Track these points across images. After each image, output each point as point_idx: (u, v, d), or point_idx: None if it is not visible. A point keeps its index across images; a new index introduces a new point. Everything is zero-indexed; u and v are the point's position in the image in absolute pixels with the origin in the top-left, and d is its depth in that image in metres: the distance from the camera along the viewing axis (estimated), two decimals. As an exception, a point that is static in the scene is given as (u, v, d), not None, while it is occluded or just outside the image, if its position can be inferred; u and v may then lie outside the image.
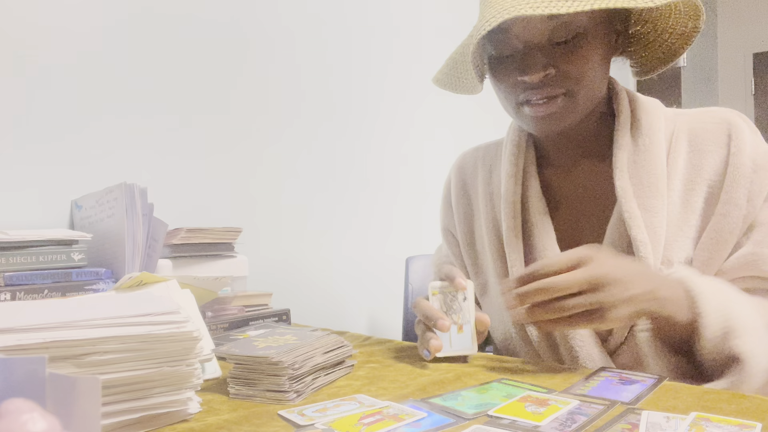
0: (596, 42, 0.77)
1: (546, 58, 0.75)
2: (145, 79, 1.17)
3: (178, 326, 0.54)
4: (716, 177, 0.79)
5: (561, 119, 0.78)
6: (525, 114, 0.79)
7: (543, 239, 0.85)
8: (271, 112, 1.40)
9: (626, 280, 0.64)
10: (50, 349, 0.48)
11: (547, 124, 0.79)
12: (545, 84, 0.76)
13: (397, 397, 0.60)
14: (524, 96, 0.78)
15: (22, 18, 1.00)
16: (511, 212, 0.88)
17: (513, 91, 0.79)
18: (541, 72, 0.75)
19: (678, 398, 0.57)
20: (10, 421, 0.33)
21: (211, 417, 0.57)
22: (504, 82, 0.80)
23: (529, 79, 0.75)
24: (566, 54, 0.76)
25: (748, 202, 0.76)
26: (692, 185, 0.80)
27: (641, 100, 0.87)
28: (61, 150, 1.05)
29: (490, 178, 0.96)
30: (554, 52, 0.76)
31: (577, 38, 0.75)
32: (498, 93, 0.83)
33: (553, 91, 0.76)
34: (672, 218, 0.79)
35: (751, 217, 0.77)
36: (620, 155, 0.81)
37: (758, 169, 0.77)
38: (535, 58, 0.75)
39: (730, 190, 0.77)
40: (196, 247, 1.06)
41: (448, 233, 1.03)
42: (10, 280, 0.82)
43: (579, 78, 0.76)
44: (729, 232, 0.77)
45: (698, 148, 0.81)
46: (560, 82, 0.76)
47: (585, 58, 0.76)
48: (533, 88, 0.77)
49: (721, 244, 0.77)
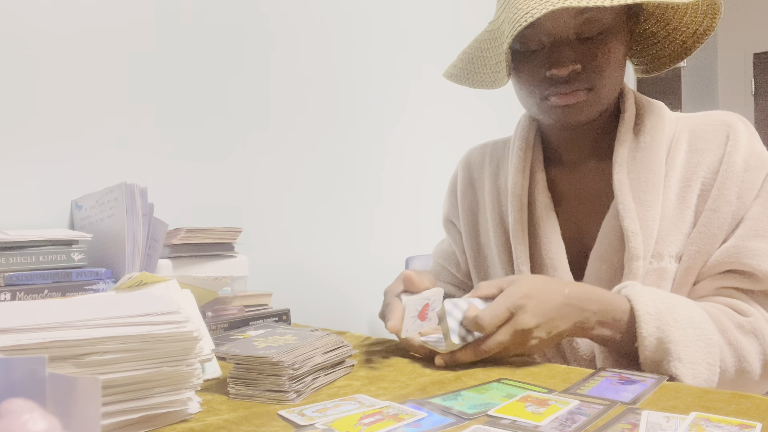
0: (618, 40, 0.80)
1: (573, 54, 0.78)
2: (145, 79, 1.17)
3: (178, 326, 0.54)
4: (710, 175, 0.81)
5: (583, 111, 0.81)
6: (549, 104, 0.81)
7: (548, 233, 0.88)
8: (273, 112, 1.40)
9: (552, 317, 0.69)
10: (50, 349, 0.48)
11: (571, 114, 0.81)
12: (571, 78, 0.78)
13: (397, 397, 0.60)
14: (551, 90, 0.80)
15: (23, 18, 1.00)
16: (518, 206, 0.90)
17: (539, 86, 0.81)
18: (569, 66, 0.77)
19: (678, 398, 0.57)
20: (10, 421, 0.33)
21: (211, 417, 0.57)
22: (531, 76, 0.82)
23: (558, 73, 0.78)
24: (592, 50, 0.78)
25: (738, 199, 0.79)
26: (688, 182, 0.82)
27: (646, 101, 0.89)
28: (61, 150, 1.05)
29: (498, 174, 0.99)
30: (581, 48, 0.78)
31: (602, 35, 0.78)
32: (520, 87, 0.85)
33: (578, 85, 0.79)
34: (667, 213, 0.81)
35: (740, 214, 0.79)
36: (621, 151, 0.84)
37: (750, 168, 0.79)
38: (563, 53, 0.78)
39: (722, 187, 0.79)
40: (196, 247, 1.06)
41: (450, 223, 1.07)
42: (10, 280, 0.82)
43: (602, 74, 0.79)
44: (718, 227, 0.79)
45: (697, 147, 0.83)
46: (585, 77, 0.79)
47: (609, 55, 0.78)
48: (559, 82, 0.79)
49: (710, 238, 0.79)
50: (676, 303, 0.72)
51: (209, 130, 1.28)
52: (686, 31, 0.84)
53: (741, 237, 0.78)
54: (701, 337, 0.70)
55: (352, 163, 1.60)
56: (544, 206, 0.89)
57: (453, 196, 1.06)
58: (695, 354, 0.69)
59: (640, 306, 0.70)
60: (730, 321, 0.74)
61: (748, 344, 0.73)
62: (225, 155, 1.30)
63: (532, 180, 0.92)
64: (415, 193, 1.77)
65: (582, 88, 0.79)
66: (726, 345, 0.72)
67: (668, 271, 0.80)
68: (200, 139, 1.26)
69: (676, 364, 0.68)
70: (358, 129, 1.62)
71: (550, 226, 0.88)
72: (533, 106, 0.85)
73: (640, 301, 0.71)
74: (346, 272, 1.56)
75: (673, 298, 0.73)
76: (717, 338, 0.71)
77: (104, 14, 1.11)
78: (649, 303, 0.71)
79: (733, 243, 0.78)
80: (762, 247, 0.76)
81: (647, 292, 0.73)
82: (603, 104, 0.82)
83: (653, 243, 0.80)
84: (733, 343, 0.72)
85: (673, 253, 0.80)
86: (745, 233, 0.78)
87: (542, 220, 0.88)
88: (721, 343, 0.72)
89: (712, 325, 0.72)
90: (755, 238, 0.77)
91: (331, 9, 1.55)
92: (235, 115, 1.33)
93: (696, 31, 0.83)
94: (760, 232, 0.77)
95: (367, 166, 1.64)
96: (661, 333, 0.69)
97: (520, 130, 0.95)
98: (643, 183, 0.82)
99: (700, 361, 0.69)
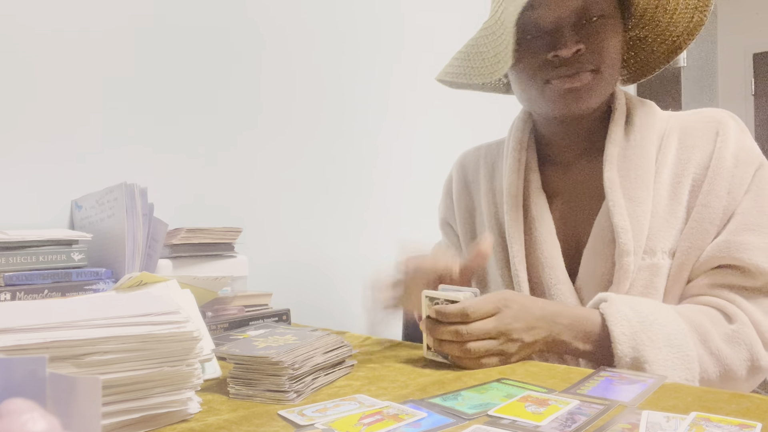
0: (616, 27, 0.82)
1: (577, 35, 0.79)
2: (145, 79, 1.17)
3: (178, 326, 0.54)
4: (701, 170, 0.82)
5: (586, 95, 0.81)
6: (551, 90, 0.82)
7: (543, 232, 0.88)
8: (271, 111, 1.40)
9: (532, 326, 0.72)
10: (50, 349, 0.48)
11: (573, 99, 0.81)
12: (575, 60, 0.80)
13: (397, 397, 0.60)
14: (554, 73, 0.81)
15: (23, 18, 1.00)
16: (514, 205, 0.90)
17: (542, 69, 0.82)
18: (573, 47, 0.78)
19: (678, 398, 0.57)
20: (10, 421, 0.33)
21: (211, 417, 0.57)
22: (533, 60, 0.82)
23: (562, 54, 0.79)
24: (594, 32, 0.80)
25: (729, 194, 0.79)
26: (679, 179, 0.82)
27: (637, 100, 0.90)
28: (61, 150, 1.05)
29: (493, 175, 0.99)
30: (583, 30, 0.80)
31: (603, 18, 0.80)
32: (520, 75, 0.85)
33: (582, 66, 0.80)
34: (658, 210, 0.82)
35: (731, 209, 0.79)
36: (611, 148, 0.85)
37: (739, 164, 0.80)
38: (566, 34, 0.79)
39: (712, 182, 0.80)
40: (196, 247, 1.06)
41: (447, 226, 1.07)
42: (10, 280, 0.82)
43: (605, 55, 0.80)
44: (709, 222, 0.79)
45: (687, 144, 0.84)
46: (589, 58, 0.80)
47: (610, 38, 0.80)
48: (564, 64, 0.80)
49: (702, 234, 0.80)
50: (653, 320, 0.72)
51: (209, 130, 1.28)
52: (675, 30, 0.85)
53: (732, 232, 0.78)
54: (678, 354, 0.70)
55: (353, 163, 1.60)
56: (539, 206, 0.89)
57: (449, 198, 1.06)
58: (671, 372, 0.69)
59: (615, 327, 0.71)
60: (715, 330, 0.74)
61: (732, 353, 0.73)
62: (225, 155, 1.30)
63: (527, 180, 0.92)
64: (415, 192, 1.77)
65: (587, 70, 0.80)
66: (707, 355, 0.72)
67: (661, 267, 0.80)
68: (200, 139, 1.26)
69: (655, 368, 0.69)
70: (360, 127, 1.62)
71: (545, 225, 0.88)
72: (535, 94, 0.85)
73: (614, 322, 0.71)
74: (347, 272, 1.56)
75: (651, 313, 0.73)
76: (696, 352, 0.71)
77: (103, 15, 1.11)
78: (624, 323, 0.71)
79: (724, 238, 0.78)
80: (753, 241, 0.77)
81: (624, 309, 0.73)
82: (604, 91, 0.83)
83: (644, 239, 0.80)
84: (715, 353, 0.73)
85: (665, 248, 0.81)
86: (735, 228, 0.78)
87: (537, 220, 0.89)
88: (701, 355, 0.72)
89: (691, 338, 0.72)
90: (746, 232, 0.77)
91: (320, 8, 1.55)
92: (236, 115, 1.33)
93: (687, 27, 0.84)
94: (750, 226, 0.78)
95: (367, 167, 1.64)
96: (637, 353, 0.70)
97: (514, 131, 0.95)
98: (633, 180, 0.82)
99: (677, 378, 0.69)
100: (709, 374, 0.72)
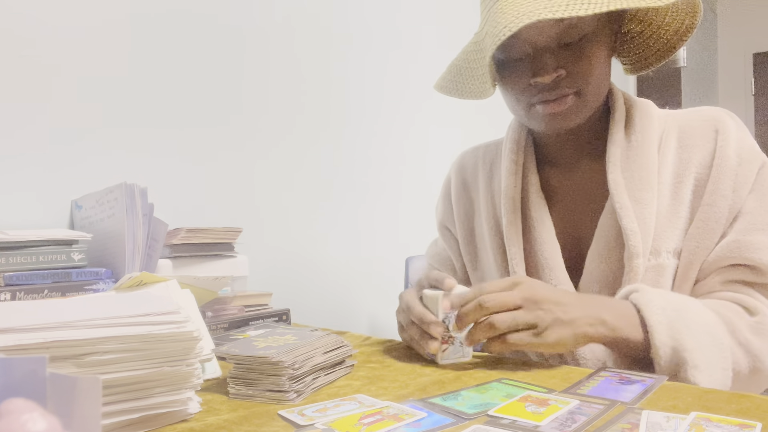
0: (601, 42, 0.79)
1: (556, 60, 0.78)
2: (145, 79, 1.17)
3: (178, 326, 0.54)
4: (703, 170, 0.81)
5: (571, 117, 0.81)
6: (536, 113, 0.81)
7: (542, 234, 0.88)
8: (272, 112, 1.40)
9: (563, 302, 0.69)
10: (50, 349, 0.48)
11: (559, 121, 0.81)
12: (556, 85, 0.78)
13: (397, 397, 0.60)
14: (537, 98, 0.80)
15: (23, 18, 1.00)
16: (511, 207, 0.90)
17: (525, 93, 0.81)
18: (552, 73, 0.77)
19: (678, 398, 0.57)
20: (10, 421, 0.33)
21: (211, 417, 0.57)
22: (516, 84, 0.82)
23: (542, 80, 0.77)
24: (574, 55, 0.78)
25: (734, 193, 0.79)
26: (681, 178, 0.82)
27: (635, 100, 0.90)
28: (61, 150, 1.05)
29: (491, 177, 0.98)
30: (563, 54, 0.78)
31: (584, 40, 0.78)
32: (507, 95, 0.85)
33: (564, 91, 0.79)
34: (661, 210, 0.82)
35: (737, 207, 0.79)
36: (613, 150, 0.84)
37: (743, 162, 0.80)
38: (545, 61, 0.77)
39: (717, 181, 0.80)
40: (196, 247, 1.06)
41: (446, 229, 1.06)
42: (10, 280, 0.82)
43: (587, 77, 0.79)
44: (715, 222, 0.79)
45: (687, 143, 0.84)
46: (570, 82, 0.79)
47: (592, 58, 0.78)
48: (545, 89, 0.79)
49: (708, 233, 0.79)
50: (686, 309, 0.71)
51: (209, 130, 1.28)
52: (669, 30, 0.85)
53: (740, 231, 0.78)
54: (714, 343, 0.70)
55: (352, 163, 1.60)
56: (538, 207, 0.89)
57: (447, 201, 1.05)
58: (710, 360, 0.68)
59: (651, 315, 0.69)
60: (741, 321, 0.73)
61: (760, 344, 0.73)
62: (225, 155, 1.30)
63: (525, 181, 0.91)
64: (415, 192, 1.77)
65: (569, 93, 0.79)
66: (737, 346, 0.72)
67: (666, 267, 0.80)
68: (200, 139, 1.26)
69: (694, 372, 0.68)
70: (357, 129, 1.62)
71: (544, 226, 0.88)
72: (521, 114, 0.85)
73: (649, 310, 0.70)
74: (347, 272, 1.56)
75: (683, 303, 0.73)
76: (728, 341, 0.71)
77: (104, 15, 1.11)
78: (659, 312, 0.70)
79: (734, 238, 0.78)
80: (762, 240, 0.77)
81: (657, 299, 0.71)
82: (590, 108, 0.82)
83: (651, 240, 0.80)
84: (744, 343, 0.72)
85: (670, 249, 0.81)
86: (744, 227, 0.78)
87: (536, 221, 0.88)
88: (732, 345, 0.71)
89: (723, 328, 0.72)
90: (755, 232, 0.77)
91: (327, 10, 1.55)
92: (236, 116, 1.33)
93: (678, 29, 0.84)
94: (759, 225, 0.78)
95: (367, 167, 1.64)
96: (675, 342, 0.68)
97: (511, 132, 0.95)
98: (637, 181, 0.82)
99: (716, 367, 0.69)
100: (740, 365, 0.72)
